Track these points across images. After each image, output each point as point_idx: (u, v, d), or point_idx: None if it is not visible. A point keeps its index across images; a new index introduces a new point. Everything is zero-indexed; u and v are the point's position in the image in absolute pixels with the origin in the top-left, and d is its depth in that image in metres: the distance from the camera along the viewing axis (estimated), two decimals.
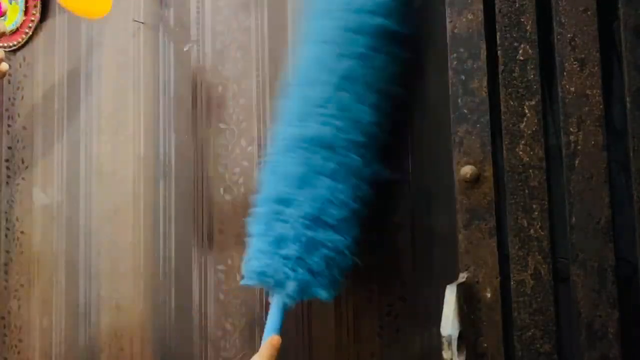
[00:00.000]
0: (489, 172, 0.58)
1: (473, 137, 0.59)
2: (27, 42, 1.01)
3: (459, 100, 0.60)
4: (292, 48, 0.79)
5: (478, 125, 0.59)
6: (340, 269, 0.64)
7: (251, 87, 0.82)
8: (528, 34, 0.57)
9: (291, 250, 0.62)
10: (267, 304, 0.78)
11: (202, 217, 0.85)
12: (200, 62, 0.86)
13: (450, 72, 0.60)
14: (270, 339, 0.64)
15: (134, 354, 0.90)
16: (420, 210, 0.70)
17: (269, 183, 0.66)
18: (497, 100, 0.59)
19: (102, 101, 0.97)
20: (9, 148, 1.08)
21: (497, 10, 0.59)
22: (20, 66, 1.05)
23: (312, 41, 0.67)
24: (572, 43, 0.56)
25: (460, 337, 0.54)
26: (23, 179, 1.05)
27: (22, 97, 1.06)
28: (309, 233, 0.62)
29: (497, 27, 0.59)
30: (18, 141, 1.07)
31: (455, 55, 0.60)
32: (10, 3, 0.99)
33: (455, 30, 0.60)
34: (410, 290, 0.70)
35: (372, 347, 0.71)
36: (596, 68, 0.55)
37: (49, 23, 1.00)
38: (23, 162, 1.06)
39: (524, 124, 0.57)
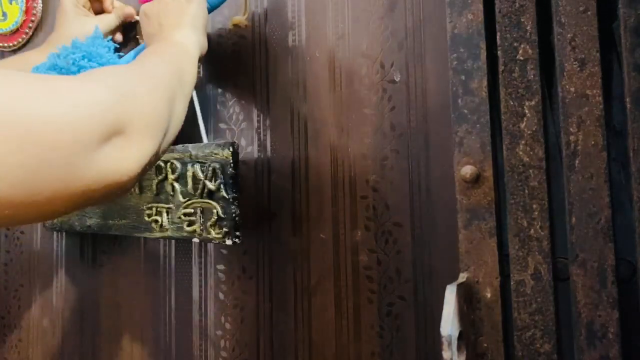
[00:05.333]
0: (489, 172, 0.58)
1: (473, 137, 0.59)
2: (27, 42, 1.01)
3: (459, 101, 0.60)
4: (292, 48, 0.79)
5: (478, 125, 0.59)
6: None
7: (251, 87, 0.82)
8: (528, 34, 0.57)
9: None
10: (265, 303, 0.78)
11: None
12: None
13: (450, 72, 0.60)
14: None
15: (134, 353, 0.90)
16: (420, 210, 0.70)
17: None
18: (497, 100, 0.59)
19: None
20: None
21: (497, 11, 0.59)
22: None
23: None
24: (572, 43, 0.56)
25: (461, 337, 0.54)
26: None
27: None
28: None
29: (497, 27, 0.59)
30: None
31: (455, 55, 0.60)
32: (10, 3, 0.99)
33: (455, 31, 0.60)
34: (410, 290, 0.70)
35: (372, 347, 0.71)
36: (596, 68, 0.55)
37: (49, 23, 1.00)
38: None
39: (524, 124, 0.57)
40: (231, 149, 0.71)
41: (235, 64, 0.83)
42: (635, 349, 0.55)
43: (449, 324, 0.52)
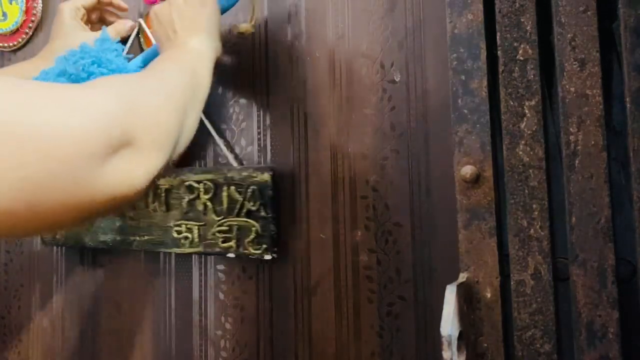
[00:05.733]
0: (488, 172, 0.58)
1: (473, 137, 0.59)
2: (27, 42, 1.01)
3: (459, 101, 0.60)
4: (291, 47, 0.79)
5: (478, 125, 0.59)
6: None
7: (251, 87, 0.82)
8: (528, 34, 0.57)
9: None
10: (265, 302, 0.78)
11: None
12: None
13: (450, 72, 0.60)
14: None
15: (134, 353, 0.90)
16: (420, 210, 0.70)
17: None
18: (497, 100, 0.59)
19: None
20: None
21: (497, 11, 0.59)
22: None
23: None
24: (572, 43, 0.56)
25: (460, 337, 0.54)
26: None
27: None
28: None
29: (497, 27, 0.59)
30: None
31: (455, 55, 0.60)
32: (10, 3, 0.99)
33: (455, 31, 0.60)
34: (410, 290, 0.70)
35: (372, 347, 0.71)
36: (596, 68, 0.55)
37: (49, 23, 1.00)
38: None
39: (524, 124, 0.57)
40: (271, 173, 0.74)
41: (235, 63, 0.83)
42: (635, 349, 0.55)
43: (449, 324, 0.52)
